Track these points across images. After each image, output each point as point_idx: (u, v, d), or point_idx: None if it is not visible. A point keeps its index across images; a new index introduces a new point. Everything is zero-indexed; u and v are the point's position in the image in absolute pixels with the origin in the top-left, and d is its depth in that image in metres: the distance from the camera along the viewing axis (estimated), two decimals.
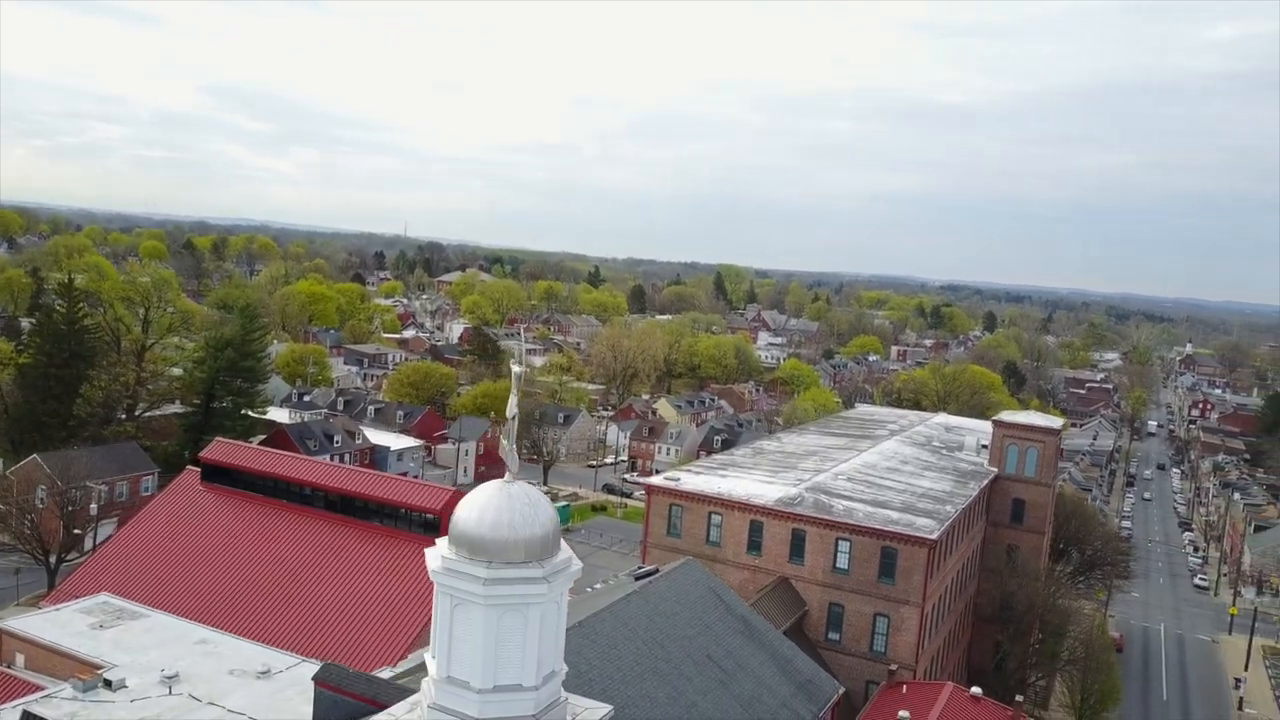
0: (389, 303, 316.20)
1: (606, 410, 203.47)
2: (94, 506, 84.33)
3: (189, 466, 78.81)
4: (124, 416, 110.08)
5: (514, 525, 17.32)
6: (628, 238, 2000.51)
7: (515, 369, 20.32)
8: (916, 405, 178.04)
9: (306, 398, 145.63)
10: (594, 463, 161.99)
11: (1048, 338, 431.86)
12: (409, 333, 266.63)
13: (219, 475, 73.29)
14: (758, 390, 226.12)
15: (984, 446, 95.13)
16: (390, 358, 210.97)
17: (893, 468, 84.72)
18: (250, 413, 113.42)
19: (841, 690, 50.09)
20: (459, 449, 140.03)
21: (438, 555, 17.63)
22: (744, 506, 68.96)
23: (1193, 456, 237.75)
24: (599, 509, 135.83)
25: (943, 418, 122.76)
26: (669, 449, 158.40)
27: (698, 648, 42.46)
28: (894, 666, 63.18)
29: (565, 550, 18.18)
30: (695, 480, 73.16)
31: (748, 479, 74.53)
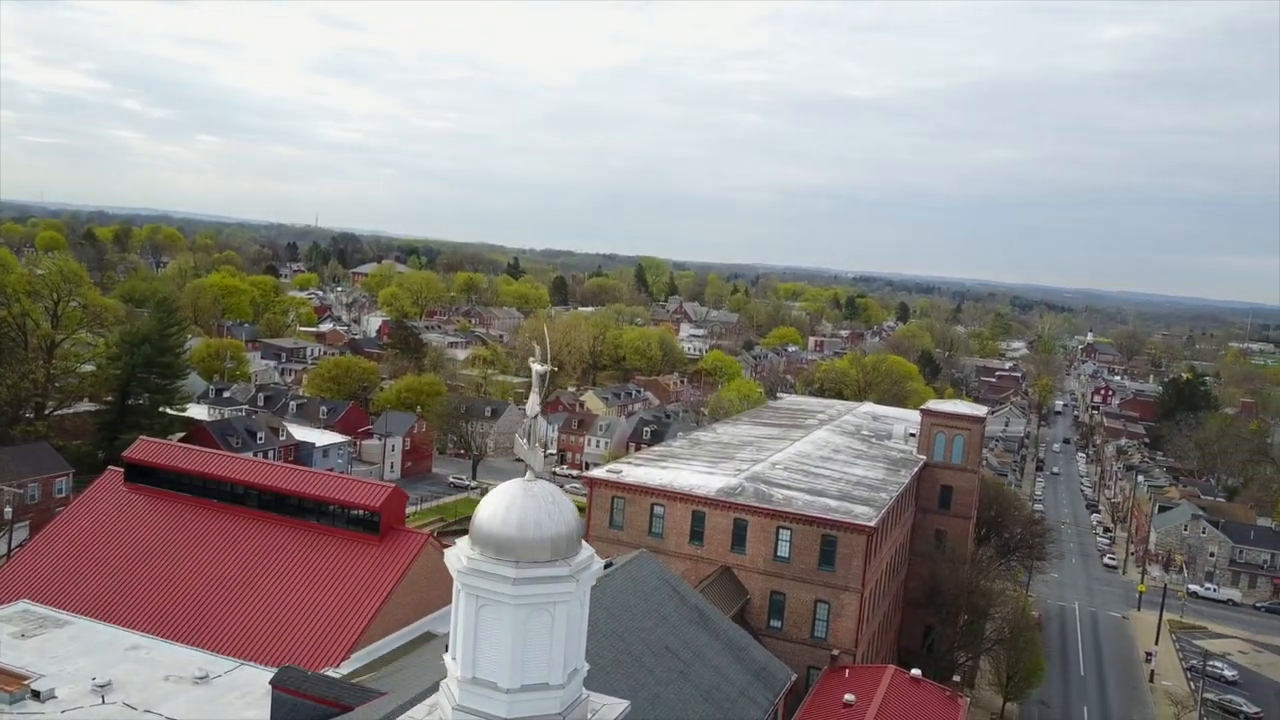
0: (304, 295, 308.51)
1: None
2: (8, 509, 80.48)
3: (110, 467, 75.69)
4: (33, 416, 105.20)
5: (540, 524, 17.14)
6: (545, 229, 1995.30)
7: (537, 368, 20.01)
8: (839, 395, 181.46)
9: (225, 394, 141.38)
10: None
11: (958, 328, 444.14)
12: (326, 326, 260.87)
13: (144, 475, 70.51)
14: (682, 381, 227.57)
15: (912, 435, 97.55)
16: (309, 352, 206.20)
17: (826, 457, 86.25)
18: (169, 410, 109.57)
19: (794, 677, 50.93)
20: (385, 444, 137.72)
21: (462, 556, 17.31)
22: (686, 497, 69.48)
23: (1097, 441, 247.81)
24: None
25: (869, 407, 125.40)
26: (599, 441, 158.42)
27: (656, 639, 42.65)
28: (836, 651, 64.50)
29: (587, 548, 18.06)
30: (637, 472, 73.38)
31: (688, 470, 75.05)
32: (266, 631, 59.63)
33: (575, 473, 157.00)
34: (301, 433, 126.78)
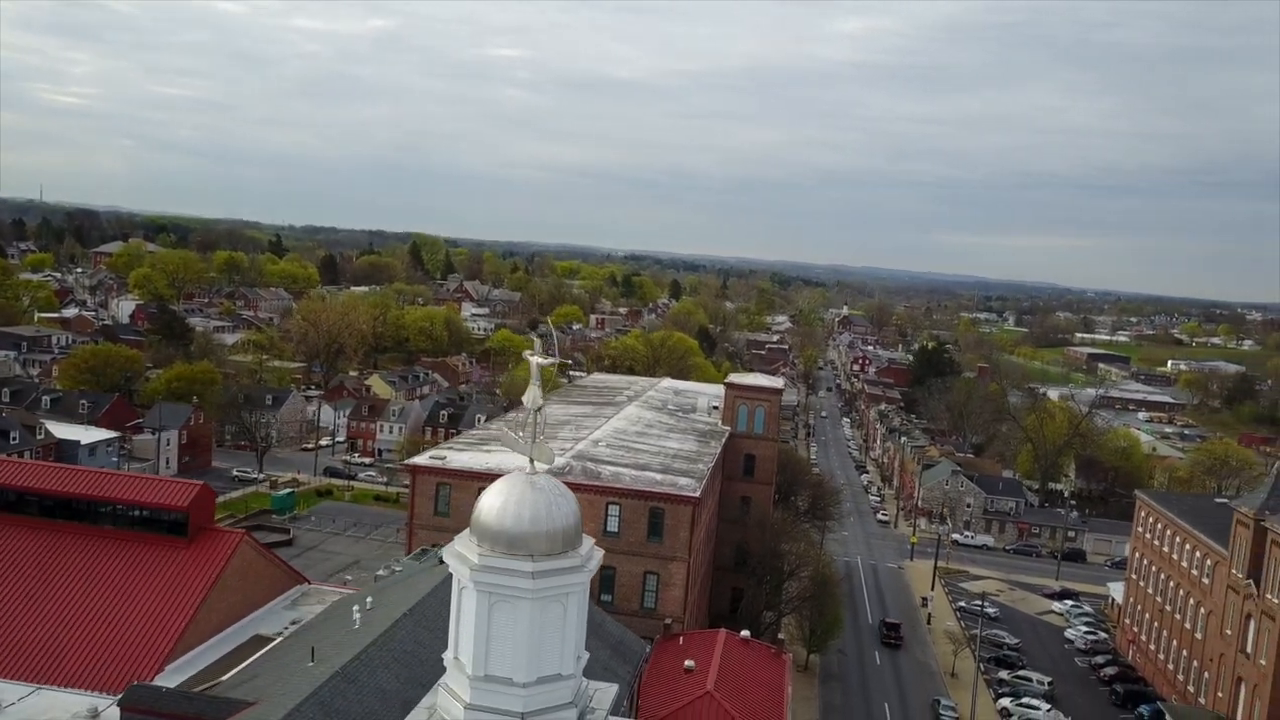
0: (40, 278, 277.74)
1: (312, 389, 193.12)
2: None
3: None
4: None
5: (551, 517, 16.82)
6: (305, 204, 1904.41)
7: (536, 360, 19.43)
8: (630, 371, 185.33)
9: None
10: (310, 446, 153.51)
11: (727, 304, 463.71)
12: (71, 311, 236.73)
13: None
14: (471, 362, 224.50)
15: (715, 407, 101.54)
16: (54, 340, 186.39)
17: (640, 432, 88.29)
18: None
19: (649, 648, 52.20)
20: (159, 439, 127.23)
21: (470, 554, 16.66)
22: None
23: (860, 407, 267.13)
24: (324, 493, 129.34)
25: (669, 382, 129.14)
26: (392, 427, 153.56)
27: None
28: (668, 620, 66.51)
29: (587, 537, 17.92)
30: (461, 457, 72.26)
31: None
32: (64, 649, 54.24)
33: (369, 460, 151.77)
34: (62, 430, 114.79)
